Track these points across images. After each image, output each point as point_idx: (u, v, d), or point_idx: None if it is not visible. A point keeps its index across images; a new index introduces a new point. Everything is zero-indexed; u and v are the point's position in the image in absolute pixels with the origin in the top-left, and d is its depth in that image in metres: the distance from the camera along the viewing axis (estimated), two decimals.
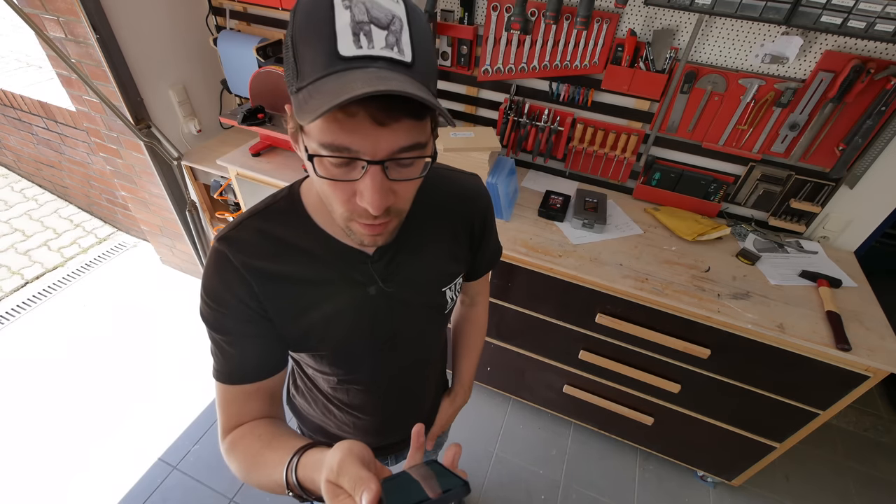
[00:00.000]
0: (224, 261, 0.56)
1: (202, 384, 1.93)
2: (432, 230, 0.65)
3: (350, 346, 0.66)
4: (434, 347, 0.81)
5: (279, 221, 0.59)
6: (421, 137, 0.44)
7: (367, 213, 0.46)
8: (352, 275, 0.61)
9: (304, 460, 0.48)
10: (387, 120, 0.41)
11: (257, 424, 0.60)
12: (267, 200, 0.61)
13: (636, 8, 1.28)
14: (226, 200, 2.01)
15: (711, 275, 1.28)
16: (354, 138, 0.41)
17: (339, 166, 0.44)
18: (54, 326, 2.15)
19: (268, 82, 1.57)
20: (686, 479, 1.70)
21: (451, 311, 0.74)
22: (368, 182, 0.43)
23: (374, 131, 0.41)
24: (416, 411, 0.88)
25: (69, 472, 1.63)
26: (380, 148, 0.42)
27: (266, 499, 1.59)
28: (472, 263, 0.76)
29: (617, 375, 1.46)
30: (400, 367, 0.75)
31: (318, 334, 0.63)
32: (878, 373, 1.08)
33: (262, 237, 0.57)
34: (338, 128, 0.41)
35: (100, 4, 1.46)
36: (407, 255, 0.63)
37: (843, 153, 1.24)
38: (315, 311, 0.61)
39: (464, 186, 0.70)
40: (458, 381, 0.95)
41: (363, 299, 0.62)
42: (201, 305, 0.58)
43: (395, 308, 0.65)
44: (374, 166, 0.43)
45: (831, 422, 1.89)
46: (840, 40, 1.15)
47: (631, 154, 1.49)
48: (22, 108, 2.41)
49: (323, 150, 0.42)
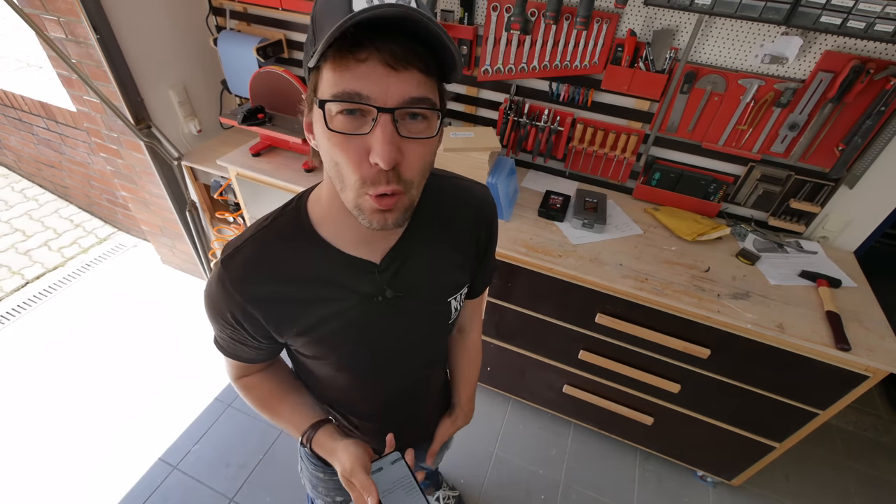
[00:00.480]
0: (219, 286, 0.57)
1: (203, 384, 1.93)
2: (439, 238, 0.65)
3: (355, 355, 0.66)
4: (437, 356, 0.80)
5: (283, 237, 0.58)
6: (430, 94, 0.45)
7: (380, 177, 0.46)
8: (358, 286, 0.60)
9: (318, 439, 0.67)
10: (397, 65, 0.41)
11: (267, 377, 0.73)
12: (274, 213, 0.61)
13: (636, 8, 1.28)
14: (226, 200, 2.01)
15: (711, 275, 1.28)
16: (365, 83, 0.42)
17: (350, 119, 0.44)
18: (54, 326, 2.15)
19: (268, 82, 1.58)
20: (686, 479, 1.70)
21: (454, 322, 0.73)
22: (379, 133, 0.43)
23: (385, 77, 0.42)
24: (419, 419, 0.88)
25: (69, 472, 1.63)
26: (390, 94, 0.42)
27: (266, 499, 1.59)
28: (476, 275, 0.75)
29: (617, 375, 1.46)
30: (403, 375, 0.74)
31: (323, 347, 0.63)
32: (877, 373, 1.08)
33: (262, 258, 0.57)
34: (349, 75, 0.42)
35: (100, 4, 1.46)
36: (414, 264, 0.62)
37: (843, 153, 1.24)
38: (322, 327, 0.61)
39: (471, 194, 0.69)
40: (459, 405, 0.93)
41: (370, 309, 0.61)
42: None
43: (401, 317, 0.64)
44: (385, 115, 0.43)
45: (831, 421, 1.89)
46: (840, 40, 1.15)
47: (631, 154, 1.49)
48: (22, 109, 2.42)
49: (334, 102, 0.43)
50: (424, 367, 0.77)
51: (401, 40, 0.41)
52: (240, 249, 0.57)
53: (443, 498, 1.54)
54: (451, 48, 0.42)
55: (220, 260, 0.58)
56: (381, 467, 0.60)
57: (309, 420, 0.70)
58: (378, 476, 0.59)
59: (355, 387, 0.72)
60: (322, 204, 0.58)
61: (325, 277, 0.58)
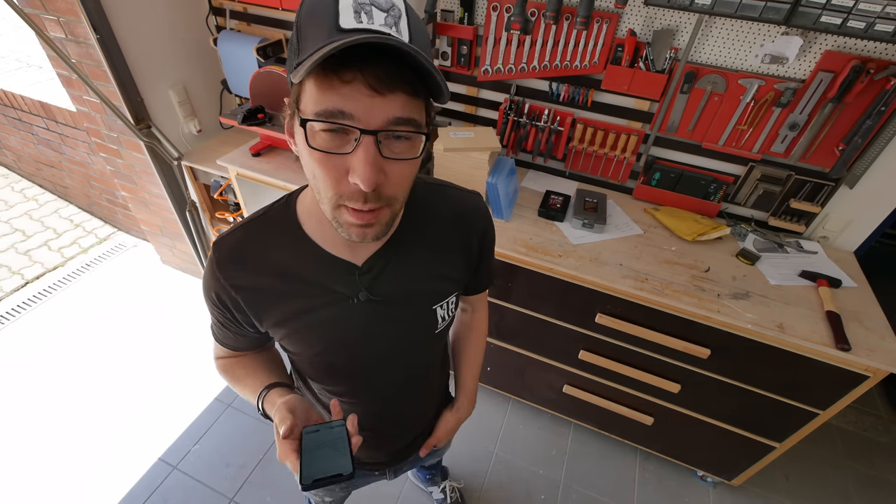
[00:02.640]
0: (211, 268, 0.61)
1: (203, 384, 1.93)
2: (426, 246, 0.64)
3: (331, 355, 0.65)
4: (426, 367, 0.79)
5: (270, 231, 0.60)
6: (416, 115, 0.44)
7: (357, 195, 0.45)
8: (336, 287, 0.60)
9: (269, 397, 0.65)
10: (382, 88, 0.41)
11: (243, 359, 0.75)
12: (266, 207, 0.62)
13: (636, 8, 1.28)
14: (226, 200, 2.01)
15: (711, 275, 1.28)
16: (349, 103, 0.41)
17: (332, 138, 0.43)
18: (54, 326, 2.15)
19: (268, 82, 1.57)
20: (686, 479, 1.70)
21: (443, 332, 0.72)
22: (361, 154, 0.43)
23: (370, 99, 0.41)
24: (406, 424, 0.86)
25: (69, 472, 1.63)
26: (374, 116, 0.42)
27: (266, 499, 1.59)
28: (471, 282, 0.75)
29: (617, 375, 1.46)
30: (390, 384, 0.73)
31: (300, 342, 0.64)
32: (877, 373, 1.08)
33: (247, 247, 0.60)
34: (333, 94, 0.41)
35: (100, 4, 1.46)
36: (396, 269, 0.62)
37: (843, 153, 1.24)
38: (296, 321, 0.61)
39: (462, 205, 0.68)
40: (462, 392, 0.91)
41: (345, 310, 0.61)
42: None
43: (381, 322, 0.64)
44: (368, 137, 0.42)
45: (831, 421, 1.89)
46: (840, 40, 1.15)
47: (631, 154, 1.49)
48: (22, 109, 2.42)
49: (317, 121, 0.43)
50: (410, 373, 0.75)
51: (387, 64, 0.40)
52: (230, 235, 0.61)
53: (448, 488, 1.55)
54: (436, 78, 0.42)
55: (213, 242, 0.61)
56: (317, 429, 0.55)
57: (266, 383, 0.68)
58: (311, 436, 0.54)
59: (339, 388, 0.72)
60: (309, 203, 0.59)
61: (305, 273, 0.59)
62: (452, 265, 0.68)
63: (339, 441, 0.53)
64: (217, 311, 0.64)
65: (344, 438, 0.54)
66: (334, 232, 0.54)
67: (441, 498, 1.55)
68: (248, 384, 0.71)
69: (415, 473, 1.61)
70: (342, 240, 0.57)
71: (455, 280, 0.69)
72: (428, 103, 0.47)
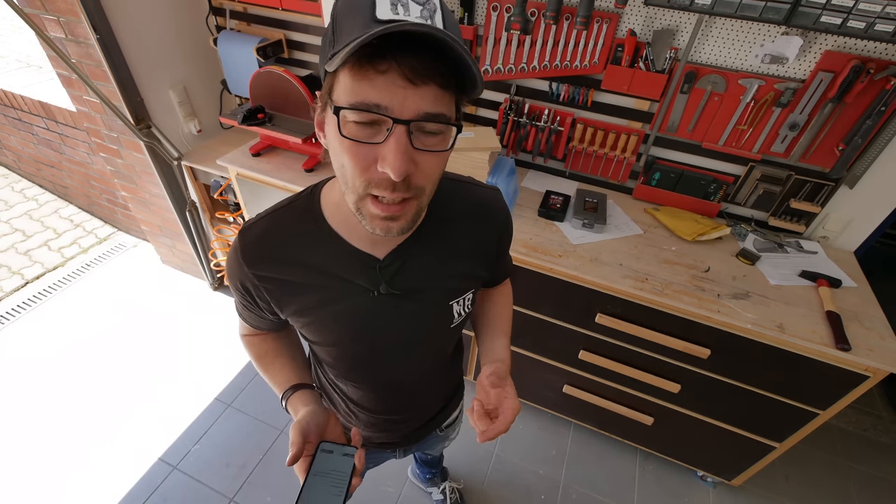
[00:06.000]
0: (235, 255, 0.62)
1: (203, 384, 1.93)
2: (447, 242, 0.64)
3: (349, 345, 0.67)
4: (440, 357, 0.80)
5: (293, 221, 0.61)
6: (446, 109, 0.45)
7: (386, 183, 0.46)
8: (357, 279, 0.61)
9: (293, 399, 0.68)
10: (416, 79, 0.41)
11: (268, 338, 0.78)
12: (291, 197, 0.64)
13: (636, 8, 1.28)
14: (226, 200, 2.01)
15: (711, 275, 1.28)
16: (383, 95, 0.42)
17: (364, 127, 0.44)
18: (54, 326, 2.15)
19: (268, 82, 1.57)
20: (686, 479, 1.70)
21: (458, 326, 0.73)
22: (392, 143, 0.43)
23: (403, 89, 0.42)
24: (420, 416, 0.88)
25: (69, 472, 1.63)
26: (407, 107, 0.42)
27: (266, 499, 1.59)
28: (490, 275, 0.75)
29: (617, 375, 1.46)
30: (404, 374, 0.75)
31: (319, 332, 0.65)
32: (877, 373, 1.08)
33: (270, 238, 0.60)
34: (367, 85, 0.42)
35: (100, 4, 1.46)
36: (417, 264, 0.62)
37: (843, 153, 1.24)
38: (316, 311, 0.63)
39: (483, 201, 0.69)
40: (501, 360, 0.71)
41: (366, 303, 0.62)
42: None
43: (398, 315, 0.64)
44: (400, 127, 0.43)
45: (831, 422, 1.89)
46: (840, 40, 1.15)
47: (631, 154, 1.49)
48: (22, 109, 2.42)
49: (350, 111, 0.43)
50: (424, 364, 0.77)
51: (422, 55, 0.41)
52: (255, 224, 0.62)
53: (448, 489, 1.55)
54: (472, 68, 0.42)
55: (239, 230, 0.62)
56: (331, 450, 0.57)
57: (292, 382, 0.71)
58: (323, 456, 0.57)
59: (355, 376, 0.75)
60: (335, 196, 0.60)
61: (326, 265, 0.60)
62: (472, 261, 0.68)
63: (341, 476, 0.55)
64: (240, 295, 0.66)
65: (347, 475, 0.55)
66: (357, 224, 0.54)
67: (441, 499, 1.55)
68: (272, 373, 0.74)
69: (415, 473, 1.62)
70: (365, 233, 0.57)
71: (473, 276, 0.70)
72: (458, 97, 0.47)
